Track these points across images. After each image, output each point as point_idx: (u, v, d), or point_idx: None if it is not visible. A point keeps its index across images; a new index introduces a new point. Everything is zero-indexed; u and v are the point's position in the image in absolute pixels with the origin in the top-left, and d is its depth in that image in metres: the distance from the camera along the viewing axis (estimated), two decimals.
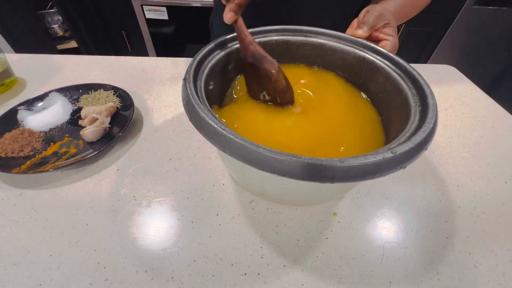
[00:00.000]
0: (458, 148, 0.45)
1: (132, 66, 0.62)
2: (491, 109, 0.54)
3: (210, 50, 0.30)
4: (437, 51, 1.49)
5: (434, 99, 0.24)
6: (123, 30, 1.47)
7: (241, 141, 0.19)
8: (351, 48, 0.34)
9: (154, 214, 0.33)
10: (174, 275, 0.28)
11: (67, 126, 0.45)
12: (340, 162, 0.18)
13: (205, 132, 0.21)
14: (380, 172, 0.19)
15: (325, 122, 0.30)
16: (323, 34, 0.35)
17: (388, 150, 0.19)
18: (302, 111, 0.32)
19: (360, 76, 0.34)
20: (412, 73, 0.28)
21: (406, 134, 0.22)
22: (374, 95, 0.34)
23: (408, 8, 0.45)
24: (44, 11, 1.55)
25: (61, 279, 0.27)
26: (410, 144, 0.20)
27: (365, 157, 0.18)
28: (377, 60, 0.32)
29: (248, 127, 0.29)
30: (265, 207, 0.34)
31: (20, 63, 0.61)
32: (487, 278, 0.29)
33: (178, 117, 0.48)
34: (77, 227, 0.32)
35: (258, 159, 0.19)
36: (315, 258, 0.30)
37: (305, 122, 0.30)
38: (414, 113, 0.25)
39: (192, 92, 0.24)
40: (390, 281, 0.28)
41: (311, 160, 0.18)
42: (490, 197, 0.37)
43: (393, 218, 0.34)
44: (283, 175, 0.18)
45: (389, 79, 0.30)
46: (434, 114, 0.23)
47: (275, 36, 0.35)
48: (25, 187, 0.36)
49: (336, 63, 0.36)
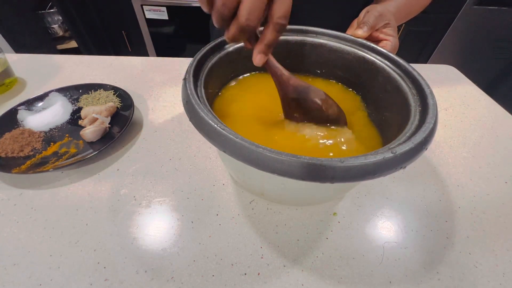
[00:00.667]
0: (458, 148, 0.45)
1: (132, 66, 0.62)
2: (491, 109, 0.54)
3: (210, 50, 0.30)
4: (437, 51, 1.49)
5: (434, 99, 0.24)
6: (123, 30, 1.47)
7: (241, 141, 0.19)
8: (351, 48, 0.34)
9: (154, 214, 0.33)
10: (174, 275, 0.28)
11: (67, 126, 0.45)
12: (340, 162, 0.18)
13: (205, 132, 0.21)
14: (380, 172, 0.19)
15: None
16: (323, 34, 0.35)
17: (388, 150, 0.19)
18: None
19: (360, 76, 0.34)
20: (412, 73, 0.28)
21: (406, 134, 0.22)
22: (374, 95, 0.34)
23: (409, 8, 0.44)
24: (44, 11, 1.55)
25: (61, 279, 0.27)
26: (410, 144, 0.20)
27: (365, 157, 0.18)
28: (377, 60, 0.32)
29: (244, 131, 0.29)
30: (265, 207, 0.34)
31: (20, 63, 0.61)
32: (487, 278, 0.29)
33: (178, 117, 0.48)
34: (77, 227, 0.32)
35: (258, 159, 0.19)
36: (315, 258, 0.30)
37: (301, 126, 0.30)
38: (414, 113, 0.25)
39: (192, 92, 0.24)
40: (390, 281, 0.28)
41: (311, 160, 0.18)
42: (490, 197, 0.37)
43: (393, 218, 0.34)
44: (283, 175, 0.18)
45: (389, 79, 0.30)
46: (434, 114, 0.23)
47: None
48: (25, 187, 0.36)
49: (336, 63, 0.36)
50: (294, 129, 0.29)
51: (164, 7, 1.30)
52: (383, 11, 0.35)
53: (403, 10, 0.43)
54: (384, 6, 0.39)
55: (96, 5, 1.39)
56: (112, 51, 1.59)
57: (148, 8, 1.32)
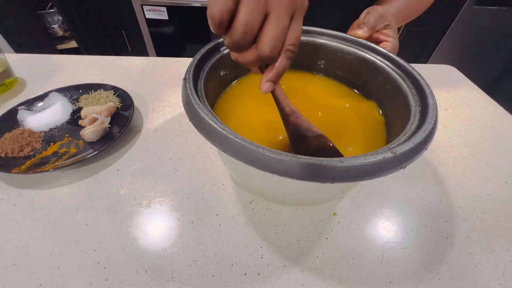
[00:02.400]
0: (458, 148, 0.45)
1: (132, 66, 0.62)
2: (491, 109, 0.54)
3: (210, 50, 0.30)
4: (437, 51, 1.49)
5: (434, 99, 0.24)
6: (123, 30, 1.46)
7: (241, 141, 0.19)
8: (352, 48, 0.34)
9: (154, 214, 0.33)
10: (174, 275, 0.28)
11: (67, 126, 0.45)
12: (340, 162, 0.18)
13: (205, 132, 0.21)
14: (380, 172, 0.19)
15: (330, 125, 0.31)
16: (324, 34, 0.35)
17: (388, 150, 0.19)
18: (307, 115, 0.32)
19: (360, 76, 0.34)
20: (412, 73, 0.28)
21: (406, 134, 0.22)
22: (374, 96, 0.34)
23: (410, 10, 0.44)
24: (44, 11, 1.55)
25: (61, 279, 0.27)
26: (410, 144, 0.20)
27: (365, 157, 0.18)
28: (377, 60, 0.32)
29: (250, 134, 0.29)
30: (265, 207, 0.34)
31: (20, 63, 0.61)
32: (487, 278, 0.29)
33: (178, 117, 0.48)
34: (77, 227, 0.32)
35: (258, 159, 0.19)
36: (315, 258, 0.30)
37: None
38: (414, 113, 0.25)
39: (192, 92, 0.23)
40: (390, 281, 0.28)
41: (311, 160, 0.18)
42: (490, 197, 0.37)
43: (393, 218, 0.34)
44: (283, 175, 0.18)
45: (389, 79, 0.30)
46: (434, 114, 0.23)
47: None
48: (25, 187, 0.36)
49: (337, 63, 0.36)
50: None
51: (164, 7, 1.30)
52: (384, 12, 0.35)
53: (404, 12, 0.43)
54: (385, 7, 0.39)
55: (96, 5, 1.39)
56: (112, 51, 1.59)
57: (148, 8, 1.32)
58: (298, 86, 0.37)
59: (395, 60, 0.30)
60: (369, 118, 0.32)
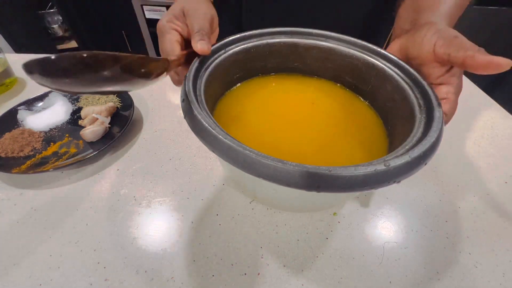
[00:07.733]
0: (458, 148, 0.45)
1: None
2: (491, 109, 0.54)
3: (214, 50, 0.30)
4: None
5: (441, 112, 0.23)
6: (123, 30, 1.47)
7: (229, 142, 0.19)
8: (361, 53, 0.32)
9: (154, 214, 0.33)
10: (174, 275, 0.28)
11: (67, 126, 0.45)
12: (327, 171, 0.17)
13: (196, 131, 0.21)
14: (370, 185, 0.18)
15: (326, 132, 0.30)
16: (333, 38, 0.34)
17: (382, 162, 0.18)
18: (303, 120, 0.32)
19: (369, 83, 0.33)
20: (422, 83, 0.26)
21: (406, 146, 0.21)
22: (380, 105, 0.32)
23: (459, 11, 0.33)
24: (44, 11, 1.56)
25: (61, 279, 0.27)
26: (406, 158, 0.18)
27: (355, 168, 0.17)
28: (387, 67, 0.30)
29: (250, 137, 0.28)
30: (265, 207, 0.34)
31: (20, 63, 0.60)
32: (487, 278, 0.29)
33: (178, 117, 0.48)
34: (77, 227, 0.32)
35: (245, 162, 0.18)
36: (315, 258, 0.30)
37: (307, 132, 0.30)
38: (418, 125, 0.23)
39: (189, 90, 0.23)
40: (390, 281, 0.28)
41: (297, 166, 0.17)
42: (490, 197, 0.37)
43: (393, 218, 0.34)
44: (268, 179, 0.18)
45: (397, 88, 0.28)
46: (439, 128, 0.21)
47: (284, 38, 0.34)
48: (25, 187, 0.36)
49: (345, 68, 0.34)
50: None
51: (164, 7, 1.30)
52: (456, 33, 0.26)
53: (456, 15, 0.32)
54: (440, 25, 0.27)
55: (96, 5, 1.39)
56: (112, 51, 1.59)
57: (148, 8, 1.32)
58: (304, 90, 0.36)
59: (405, 68, 0.28)
60: (373, 127, 0.31)
